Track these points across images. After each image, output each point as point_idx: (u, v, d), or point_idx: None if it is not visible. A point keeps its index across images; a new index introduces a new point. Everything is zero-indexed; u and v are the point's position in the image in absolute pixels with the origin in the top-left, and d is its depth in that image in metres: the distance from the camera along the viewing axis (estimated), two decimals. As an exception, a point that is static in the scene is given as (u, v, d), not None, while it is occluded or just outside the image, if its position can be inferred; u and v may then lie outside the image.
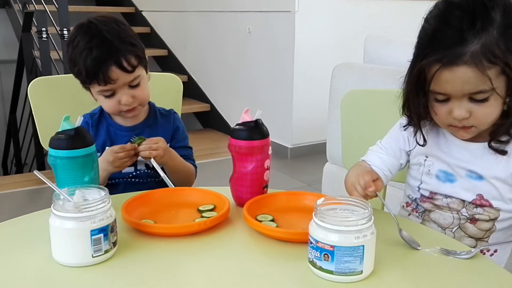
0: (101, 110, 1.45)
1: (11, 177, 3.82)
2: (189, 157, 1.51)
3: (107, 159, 1.31)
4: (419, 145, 1.15)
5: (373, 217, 0.85)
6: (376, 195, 1.03)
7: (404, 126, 1.17)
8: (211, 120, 4.99)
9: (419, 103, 1.07)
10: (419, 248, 0.96)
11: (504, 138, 1.05)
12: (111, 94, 1.34)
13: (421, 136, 1.13)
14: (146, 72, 1.41)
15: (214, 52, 4.82)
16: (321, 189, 2.74)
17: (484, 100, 0.98)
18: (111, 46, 1.29)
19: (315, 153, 3.92)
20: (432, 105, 1.06)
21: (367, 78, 2.20)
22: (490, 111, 1.00)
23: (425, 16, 1.01)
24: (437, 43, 0.97)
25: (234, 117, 4.49)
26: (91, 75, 1.29)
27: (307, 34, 3.90)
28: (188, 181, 1.48)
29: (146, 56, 1.41)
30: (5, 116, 5.43)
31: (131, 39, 1.35)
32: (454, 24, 0.95)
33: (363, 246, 0.82)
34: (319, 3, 3.91)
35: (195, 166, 1.52)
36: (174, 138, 1.49)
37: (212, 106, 4.95)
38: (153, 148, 1.31)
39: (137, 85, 1.36)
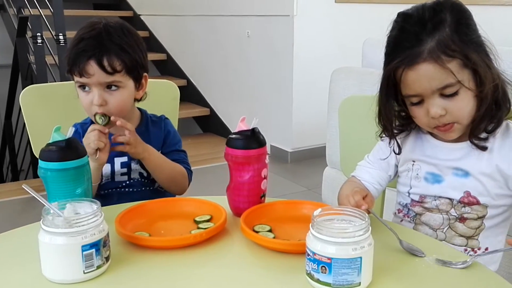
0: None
1: (6, 185, 3.80)
2: (182, 161, 1.47)
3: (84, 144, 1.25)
4: (395, 153, 1.22)
5: (370, 227, 0.84)
6: (369, 212, 1.03)
7: (380, 136, 1.23)
8: (211, 124, 4.98)
9: (390, 110, 1.16)
10: (423, 255, 0.95)
11: (482, 136, 1.11)
12: (85, 88, 1.31)
13: (396, 144, 1.20)
14: (137, 89, 1.38)
15: (213, 56, 4.82)
16: (321, 193, 2.72)
17: (455, 94, 1.05)
18: (100, 42, 1.28)
19: (315, 157, 3.90)
20: (411, 111, 1.13)
21: (366, 82, 2.19)
22: (463, 104, 1.06)
23: (387, 33, 1.11)
24: (398, 49, 1.08)
25: (234, 121, 4.48)
26: (71, 63, 1.29)
27: (305, 38, 3.90)
28: (179, 183, 1.44)
29: (146, 76, 1.39)
30: (0, 122, 5.41)
31: (128, 47, 1.32)
32: (409, 30, 1.07)
33: (360, 257, 0.81)
34: (317, 7, 3.90)
35: (190, 171, 1.47)
36: (165, 143, 1.47)
37: (211, 110, 4.94)
38: (121, 140, 1.30)
39: (115, 91, 1.31)
